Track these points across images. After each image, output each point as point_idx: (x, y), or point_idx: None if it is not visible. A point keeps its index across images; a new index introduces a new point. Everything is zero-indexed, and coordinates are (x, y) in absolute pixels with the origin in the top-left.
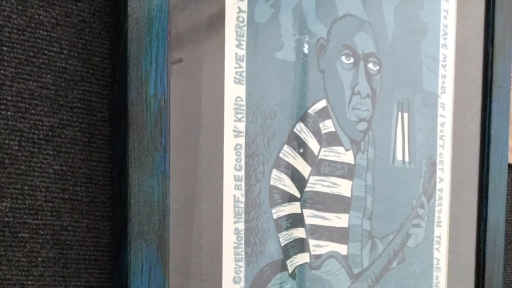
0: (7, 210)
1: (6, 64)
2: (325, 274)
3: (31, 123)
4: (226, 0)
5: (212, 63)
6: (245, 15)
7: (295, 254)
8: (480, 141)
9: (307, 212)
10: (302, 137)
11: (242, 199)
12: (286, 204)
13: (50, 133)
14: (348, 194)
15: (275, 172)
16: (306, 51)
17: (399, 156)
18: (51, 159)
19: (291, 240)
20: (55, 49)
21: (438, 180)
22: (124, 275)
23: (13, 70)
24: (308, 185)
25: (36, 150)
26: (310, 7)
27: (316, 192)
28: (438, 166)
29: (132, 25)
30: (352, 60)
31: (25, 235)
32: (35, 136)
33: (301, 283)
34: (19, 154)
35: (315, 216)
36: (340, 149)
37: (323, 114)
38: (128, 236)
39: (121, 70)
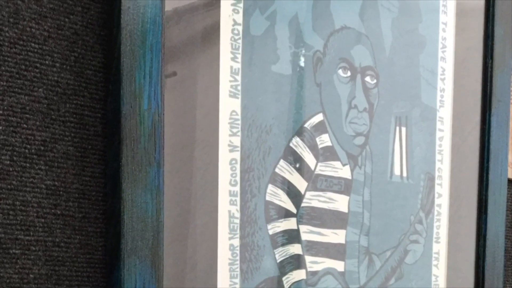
0: None
1: None
2: None
3: (23, 137)
4: (221, 12)
5: (206, 76)
6: (240, 28)
7: (291, 270)
8: (479, 155)
9: (303, 228)
10: (298, 152)
11: (237, 214)
12: (282, 219)
13: (42, 148)
14: (345, 210)
15: (271, 187)
16: (302, 64)
17: (397, 171)
18: (43, 174)
19: (287, 256)
20: (47, 62)
21: (436, 195)
22: None
23: (5, 83)
24: (304, 200)
25: (27, 165)
26: (306, 20)
27: (313, 208)
28: (437, 181)
29: (125, 38)
30: (349, 73)
31: (16, 251)
32: (26, 150)
33: None
34: (11, 169)
35: (311, 232)
36: (337, 164)
37: (320, 128)
38: (122, 253)
39: (114, 83)
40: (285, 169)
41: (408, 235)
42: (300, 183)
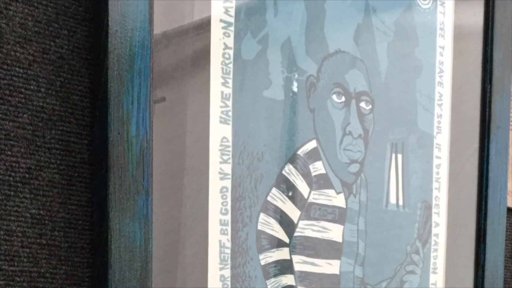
0: None
1: None
2: None
3: (7, 164)
4: (211, 36)
5: (196, 102)
6: (231, 52)
7: None
8: (477, 183)
9: (296, 258)
10: (291, 180)
11: (228, 244)
12: (274, 249)
13: (27, 176)
14: (339, 239)
15: (262, 216)
16: (295, 89)
17: (392, 200)
18: (28, 202)
19: (280, 287)
20: (32, 87)
21: (433, 224)
22: None
23: None
24: (297, 229)
25: (12, 193)
26: (299, 43)
27: (306, 237)
28: (434, 210)
29: (113, 62)
30: (343, 98)
31: (0, 282)
32: (11, 178)
33: None
34: None
35: (304, 262)
36: (331, 192)
37: (313, 155)
38: (109, 283)
39: (101, 109)
40: (277, 198)
41: (404, 265)
42: (293, 212)
